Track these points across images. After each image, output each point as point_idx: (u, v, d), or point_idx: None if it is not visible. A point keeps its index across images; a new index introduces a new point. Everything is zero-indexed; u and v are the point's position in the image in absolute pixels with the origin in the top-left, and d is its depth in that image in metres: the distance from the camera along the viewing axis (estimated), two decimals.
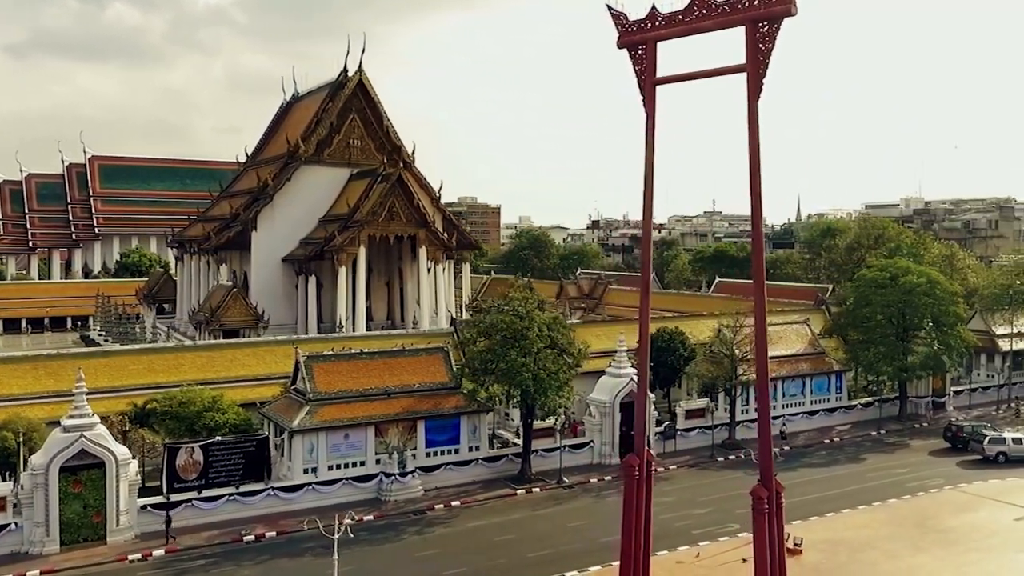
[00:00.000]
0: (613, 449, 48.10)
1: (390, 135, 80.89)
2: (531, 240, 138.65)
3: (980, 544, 35.30)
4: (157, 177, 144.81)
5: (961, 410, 61.30)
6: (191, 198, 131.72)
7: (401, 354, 45.49)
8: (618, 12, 27.12)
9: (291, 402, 42.62)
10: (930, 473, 46.06)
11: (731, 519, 38.79)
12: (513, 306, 43.67)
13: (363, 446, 42.01)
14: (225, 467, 38.85)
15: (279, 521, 38.44)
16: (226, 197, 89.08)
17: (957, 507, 40.20)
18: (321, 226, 76.48)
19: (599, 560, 33.92)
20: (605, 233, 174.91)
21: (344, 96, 78.67)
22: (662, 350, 55.26)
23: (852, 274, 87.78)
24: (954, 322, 56.65)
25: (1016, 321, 64.43)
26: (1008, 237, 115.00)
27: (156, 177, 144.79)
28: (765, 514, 24.62)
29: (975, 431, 50.06)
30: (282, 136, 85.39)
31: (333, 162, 78.68)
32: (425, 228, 75.33)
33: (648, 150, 26.60)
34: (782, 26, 23.47)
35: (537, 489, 43.62)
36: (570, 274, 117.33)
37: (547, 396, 42.14)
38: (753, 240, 25.18)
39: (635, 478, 27.38)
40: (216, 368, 48.94)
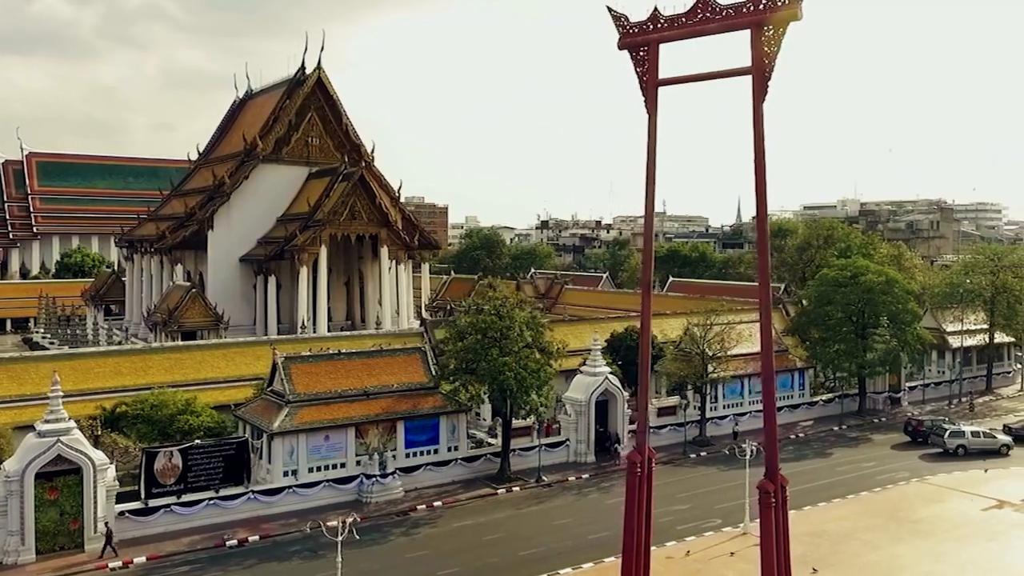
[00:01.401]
0: (589, 447, 48.48)
1: (349, 134, 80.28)
2: (483, 240, 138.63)
3: (952, 534, 36.57)
4: (99, 175, 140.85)
5: (915, 405, 63.35)
6: (135, 197, 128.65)
7: (379, 354, 45.15)
8: (618, 13, 27.29)
9: (269, 404, 41.95)
10: (896, 466, 47.51)
11: (712, 514, 39.45)
12: (494, 306, 43.67)
13: (343, 448, 41.58)
14: (205, 471, 38.06)
15: (261, 525, 37.90)
16: (178, 196, 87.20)
17: (926, 499, 41.55)
18: (280, 225, 75.46)
19: (589, 557, 34.23)
20: (555, 233, 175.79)
21: (303, 94, 77.83)
22: (631, 349, 55.77)
23: (803, 273, 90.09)
24: (911, 320, 58.49)
25: (965, 319, 66.80)
26: (948, 238, 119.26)
27: (97, 175, 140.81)
28: (772, 507, 25.09)
29: (935, 425, 51.80)
30: (237, 134, 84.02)
31: (291, 160, 77.80)
32: (387, 227, 74.93)
33: (650, 151, 26.86)
34: (788, 29, 24.03)
35: (517, 488, 43.72)
36: (520, 274, 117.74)
37: (529, 395, 42.27)
38: (759, 240, 25.67)
39: (637, 475, 27.63)
40: (185, 370, 47.94)
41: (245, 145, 76.61)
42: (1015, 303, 67.17)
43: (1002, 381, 71.51)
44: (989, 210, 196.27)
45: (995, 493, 42.06)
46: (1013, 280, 68.38)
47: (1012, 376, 73.22)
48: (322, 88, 78.48)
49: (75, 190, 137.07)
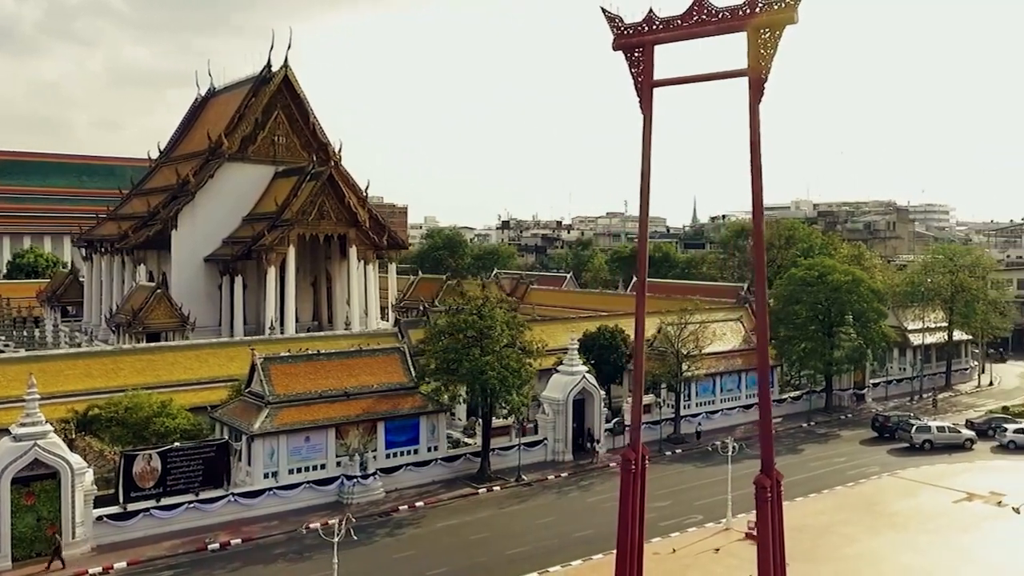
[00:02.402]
0: (566, 446, 48.74)
1: (317, 133, 79.49)
2: (445, 240, 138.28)
3: (927, 526, 37.56)
4: (50, 173, 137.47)
5: (879, 401, 64.88)
6: (90, 196, 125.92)
7: (358, 355, 44.87)
8: (613, 15, 27.48)
9: (248, 405, 41.44)
10: (866, 461, 48.60)
11: (693, 510, 39.96)
12: (475, 305, 43.69)
13: (324, 449, 41.26)
14: (184, 474, 37.49)
15: (242, 528, 37.45)
16: (140, 195, 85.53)
17: (898, 493, 42.58)
18: (246, 225, 74.41)
19: (578, 555, 34.47)
20: (516, 233, 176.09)
21: (269, 92, 76.79)
22: (604, 348, 56.33)
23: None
24: (876, 318, 59.84)
25: (925, 317, 68.55)
26: (904, 238, 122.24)
27: (49, 173, 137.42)
28: (768, 502, 25.51)
29: (901, 421, 53.10)
30: (200, 132, 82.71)
31: (257, 159, 76.77)
32: (356, 227, 74.34)
33: (645, 152, 27.03)
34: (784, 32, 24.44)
35: (497, 488, 43.79)
36: (483, 274, 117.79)
37: (511, 394, 42.37)
38: (755, 241, 26.16)
39: (631, 472, 27.89)
40: (157, 372, 47.09)
41: (210, 143, 75.44)
42: (972, 302, 69.11)
43: (960, 377, 73.57)
44: (937, 211, 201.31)
45: (964, 486, 43.25)
46: (970, 279, 70.39)
47: (969, 372, 75.35)
48: (289, 87, 77.53)
49: (26, 189, 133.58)
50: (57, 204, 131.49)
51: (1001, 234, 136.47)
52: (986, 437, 52.52)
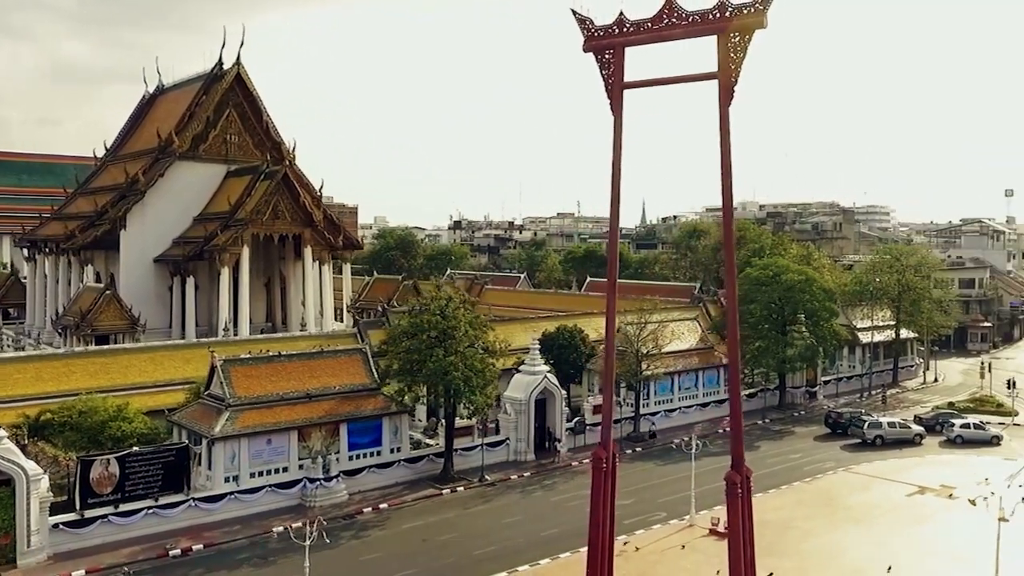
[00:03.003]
0: (528, 446, 48.88)
1: (270, 131, 78.56)
2: (398, 240, 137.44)
3: (884, 519, 38.52)
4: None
5: (830, 398, 66.31)
6: (29, 195, 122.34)
7: (320, 356, 44.41)
8: (583, 16, 27.65)
9: (207, 408, 40.72)
10: (821, 457, 49.65)
11: (656, 508, 40.38)
12: (438, 305, 43.58)
13: (286, 451, 40.73)
14: (143, 479, 36.66)
15: (203, 533, 36.78)
16: (86, 194, 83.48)
17: (854, 487, 43.60)
18: (198, 225, 73.18)
19: (545, 554, 34.60)
20: (468, 234, 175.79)
21: (221, 90, 75.66)
22: (563, 348, 56.62)
23: (717, 273, 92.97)
24: (828, 317, 61.18)
25: (873, 316, 70.30)
26: (850, 239, 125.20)
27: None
28: (738, 497, 25.93)
29: (854, 417, 54.38)
30: (148, 130, 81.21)
31: (209, 158, 75.61)
32: (311, 227, 73.68)
33: (616, 154, 27.24)
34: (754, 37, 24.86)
35: (461, 488, 43.73)
36: (436, 274, 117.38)
37: (475, 395, 42.36)
38: (726, 241, 26.52)
39: (603, 470, 28.13)
40: (111, 375, 46.03)
41: (160, 141, 74.03)
42: (918, 300, 71.07)
43: (906, 374, 75.58)
44: (879, 212, 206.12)
45: (916, 480, 44.47)
46: (915, 279, 72.38)
47: (915, 369, 77.45)
48: (241, 84, 76.45)
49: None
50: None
51: (941, 235, 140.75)
52: (934, 432, 54.05)
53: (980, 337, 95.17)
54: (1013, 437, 53.43)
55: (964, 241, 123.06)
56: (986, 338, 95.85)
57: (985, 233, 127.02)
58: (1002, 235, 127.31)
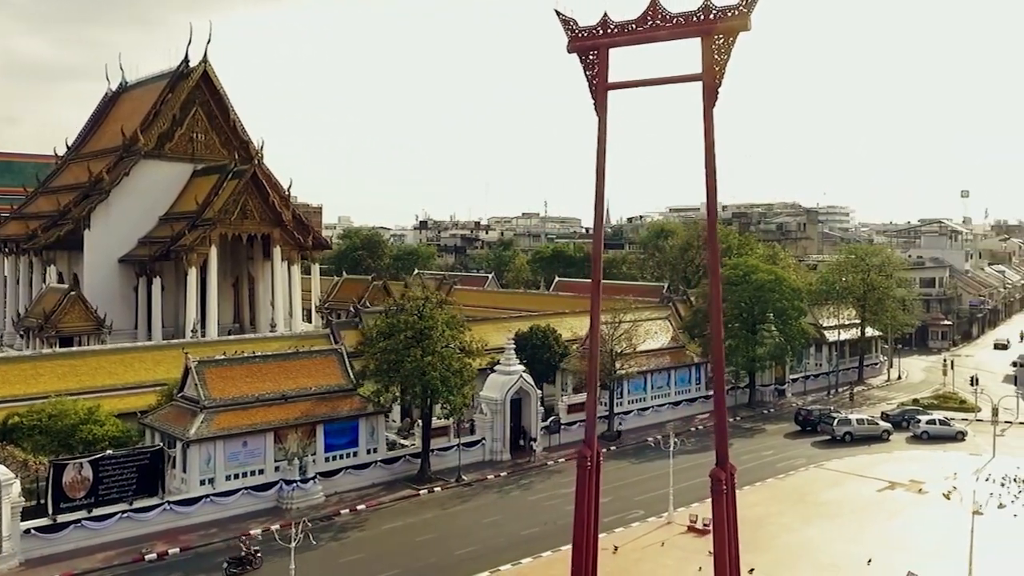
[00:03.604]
0: (504, 446, 48.95)
1: (237, 130, 77.66)
2: (364, 240, 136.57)
3: (856, 515, 39.19)
4: None
5: (798, 396, 67.28)
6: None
7: (295, 357, 44.05)
8: (567, 17, 27.78)
9: (182, 411, 40.18)
10: (792, 454, 50.37)
11: (633, 506, 40.65)
12: (415, 305, 43.46)
13: (262, 453, 40.36)
14: (117, 483, 36.11)
15: (179, 536, 36.33)
16: (47, 193, 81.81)
17: (826, 483, 44.30)
18: (164, 224, 72.14)
19: (527, 553, 34.71)
20: (434, 233, 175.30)
21: (187, 88, 74.66)
22: (537, 347, 56.75)
23: (684, 273, 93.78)
24: (796, 316, 62.04)
25: (840, 315, 71.43)
26: (813, 239, 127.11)
27: None
28: (723, 494, 26.24)
29: (823, 415, 55.25)
30: (112, 128, 79.86)
31: (175, 157, 74.57)
32: (280, 227, 73.00)
33: (600, 155, 27.55)
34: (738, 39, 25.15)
35: (438, 488, 43.65)
36: (403, 274, 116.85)
37: (453, 395, 42.31)
38: (710, 242, 26.83)
39: (587, 468, 28.27)
40: (80, 377, 45.12)
41: (124, 140, 72.84)
42: (883, 299, 72.35)
43: (871, 372, 76.93)
44: (839, 213, 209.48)
45: (885, 475, 45.31)
46: (879, 278, 73.68)
47: (879, 367, 78.86)
48: (208, 82, 75.49)
49: None
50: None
51: (901, 235, 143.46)
52: (901, 428, 55.13)
53: (941, 335, 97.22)
54: (977, 433, 54.65)
55: (924, 241, 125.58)
56: (946, 336, 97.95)
57: (944, 233, 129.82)
58: (960, 235, 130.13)
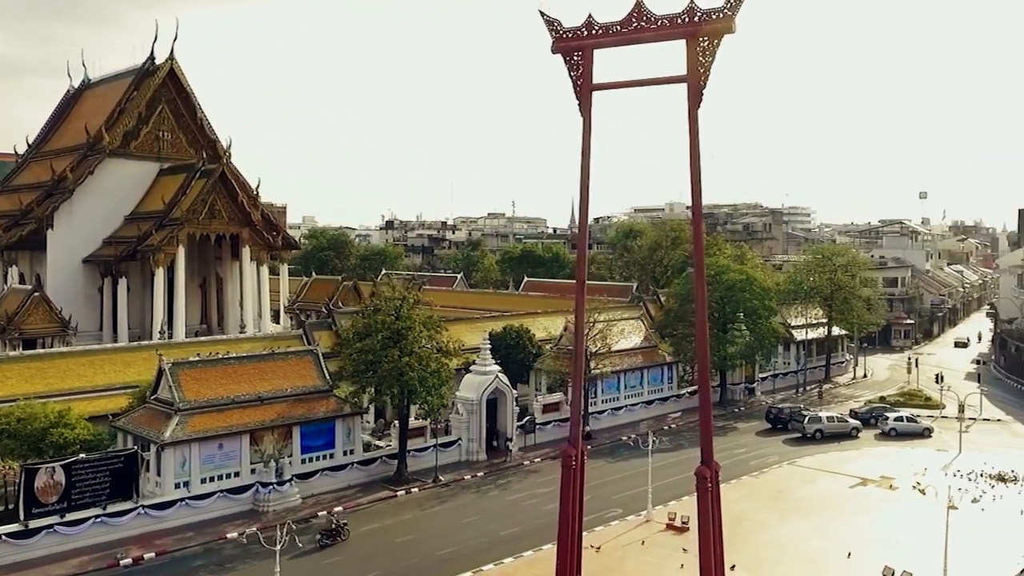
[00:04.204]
0: (480, 446, 48.91)
1: (204, 129, 76.67)
2: (331, 240, 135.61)
3: (830, 511, 39.78)
4: None
5: (767, 394, 68.13)
6: None
7: (271, 358, 43.61)
8: (551, 18, 27.88)
9: (155, 413, 39.56)
10: (765, 451, 50.98)
11: (611, 504, 40.82)
12: (393, 306, 43.28)
13: (238, 456, 39.88)
14: (90, 487, 35.46)
15: (154, 541, 35.79)
16: (7, 191, 79.92)
17: (799, 480, 44.91)
18: (130, 224, 70.97)
19: (508, 553, 34.71)
20: (401, 234, 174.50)
21: (153, 85, 73.52)
22: (511, 347, 56.84)
23: (653, 273, 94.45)
24: (766, 315, 62.81)
25: (807, 314, 72.44)
26: (779, 239, 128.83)
27: None
28: (708, 491, 26.48)
29: (794, 413, 56.01)
30: (74, 125, 78.41)
31: (141, 155, 73.48)
32: (249, 227, 72.24)
33: (584, 155, 27.61)
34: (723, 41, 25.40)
35: (416, 489, 43.50)
36: (371, 274, 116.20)
37: (431, 395, 42.20)
38: (695, 241, 27.06)
39: (572, 468, 28.38)
40: (48, 380, 44.23)
41: (88, 138, 71.54)
42: (849, 299, 73.51)
43: (838, 370, 78.15)
44: (800, 213, 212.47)
45: (856, 472, 46.04)
46: (845, 278, 74.87)
47: (845, 365, 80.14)
48: (175, 80, 74.45)
49: None
50: None
51: (863, 235, 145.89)
52: (869, 426, 56.04)
53: (903, 334, 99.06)
54: (942, 429, 55.71)
55: (885, 241, 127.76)
56: (909, 335, 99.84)
57: (905, 234, 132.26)
58: (919, 236, 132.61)
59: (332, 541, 35.50)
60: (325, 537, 35.56)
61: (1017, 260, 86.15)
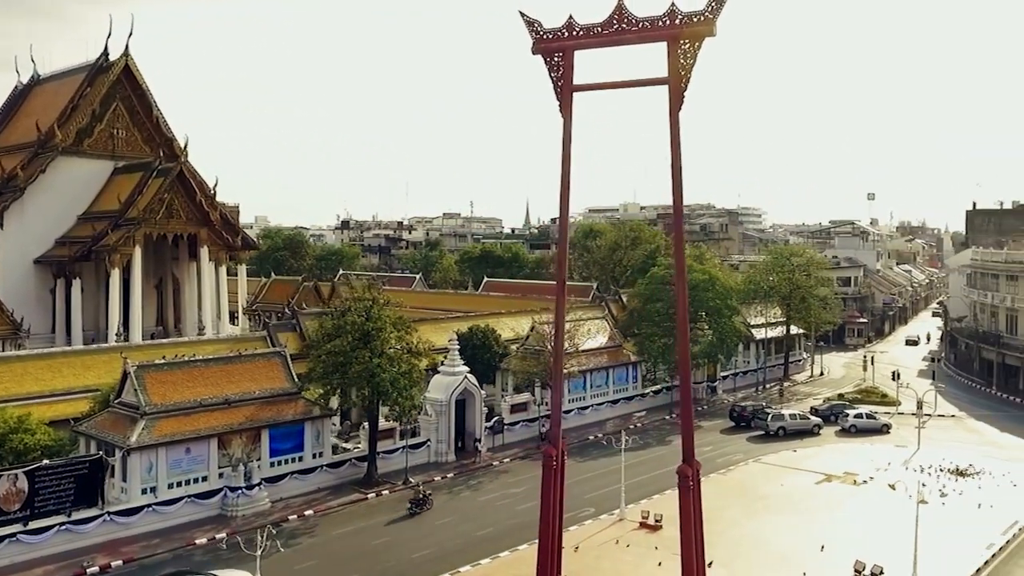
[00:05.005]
0: (449, 447, 48.74)
1: (160, 127, 75.26)
2: (286, 240, 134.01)
3: (798, 507, 40.43)
4: None
5: (729, 393, 69.04)
6: None
7: (238, 360, 42.94)
8: (532, 19, 27.87)
9: (120, 417, 38.67)
10: (730, 449, 51.64)
11: (583, 504, 40.94)
12: (364, 306, 42.91)
13: (206, 460, 39.18)
14: (54, 494, 34.55)
15: (120, 548, 34.98)
16: None
17: (766, 477, 45.58)
18: (84, 224, 69.38)
19: (483, 554, 34.65)
20: (357, 234, 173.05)
21: (108, 82, 71.93)
22: (477, 348, 56.81)
23: (613, 273, 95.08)
24: (729, 315, 63.63)
25: (766, 314, 73.59)
26: (735, 239, 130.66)
27: None
28: (690, 489, 26.75)
29: (757, 411, 56.83)
30: (24, 123, 76.30)
31: (95, 153, 71.90)
32: (208, 226, 71.07)
33: (565, 156, 27.57)
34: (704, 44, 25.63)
35: (386, 491, 43.19)
36: (327, 275, 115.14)
37: (403, 396, 41.94)
38: (675, 243, 27.31)
39: (553, 468, 28.47)
40: (5, 384, 42.84)
41: (39, 135, 69.68)
42: (807, 298, 74.82)
43: (795, 369, 79.52)
44: (752, 214, 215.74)
45: (820, 468, 46.89)
46: (802, 278, 76.20)
47: (803, 364, 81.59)
48: (130, 77, 72.92)
49: None
50: None
51: (815, 236, 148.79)
52: (830, 423, 57.10)
53: (857, 332, 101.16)
54: (900, 425, 56.98)
55: (838, 242, 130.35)
56: (862, 333, 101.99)
57: (856, 234, 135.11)
58: (870, 236, 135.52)
59: (420, 509, 39.93)
60: (414, 505, 40.06)
61: (966, 260, 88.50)
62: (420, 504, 40.21)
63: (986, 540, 35.57)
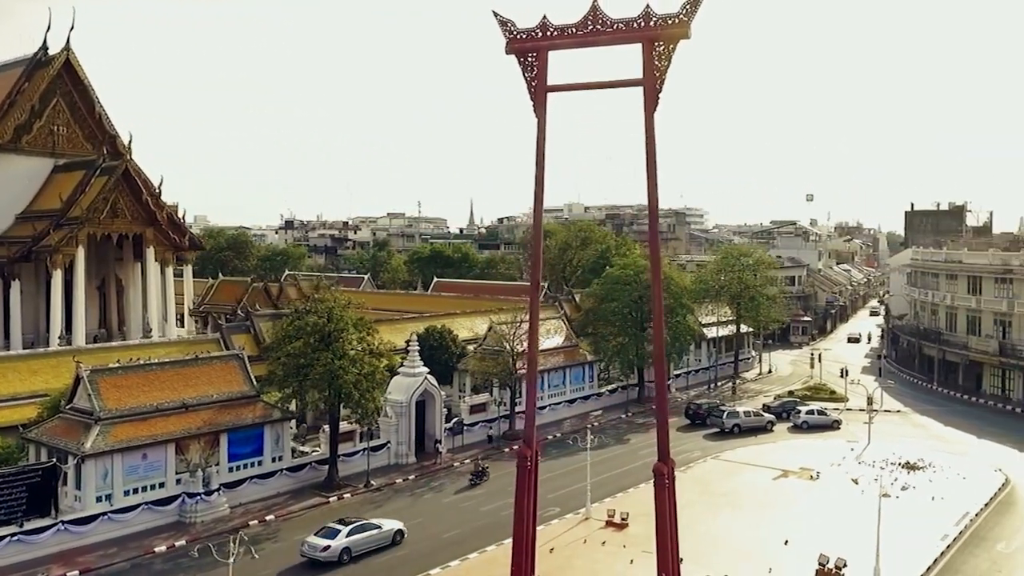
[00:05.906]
0: (410, 449, 48.38)
1: (103, 123, 73.01)
2: (230, 241, 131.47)
3: (758, 502, 41.11)
4: None
5: (682, 391, 69.85)
6: None
7: (194, 363, 41.92)
8: (505, 19, 27.84)
9: (72, 423, 37.46)
10: (688, 447, 52.24)
11: (548, 503, 40.78)
12: (326, 307, 42.30)
13: (163, 466, 38.20)
14: (5, 503, 33.39)
15: (76, 558, 33.94)
16: None
17: (724, 474, 46.25)
18: (23, 223, 67.02)
19: (452, 556, 34.54)
20: (301, 234, 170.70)
21: (47, 77, 69.52)
22: (435, 349, 56.53)
23: (564, 272, 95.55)
24: (684, 314, 64.38)
25: (716, 312, 74.70)
26: (682, 239, 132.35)
27: None
28: (665, 487, 26.99)
29: (712, 408, 57.62)
30: None
31: (34, 151, 69.40)
32: (154, 226, 69.26)
33: (539, 155, 27.62)
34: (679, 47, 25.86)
35: (348, 495, 42.69)
36: (272, 275, 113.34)
37: (366, 398, 41.46)
38: (651, 243, 27.55)
39: (527, 468, 28.49)
40: None
41: None
42: (755, 297, 76.12)
43: (745, 366, 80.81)
44: (694, 214, 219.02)
45: (777, 463, 47.75)
46: (751, 278, 77.50)
47: (751, 362, 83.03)
48: (71, 72, 70.61)
49: None
50: None
51: (757, 236, 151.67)
52: (782, 419, 58.17)
53: (801, 330, 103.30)
54: (849, 421, 58.35)
55: (780, 241, 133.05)
56: (806, 331, 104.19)
57: (798, 234, 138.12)
58: (811, 236, 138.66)
59: (480, 480, 44.29)
60: (475, 477, 44.35)
61: (907, 259, 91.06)
62: (479, 476, 44.35)
63: (940, 531, 36.62)
